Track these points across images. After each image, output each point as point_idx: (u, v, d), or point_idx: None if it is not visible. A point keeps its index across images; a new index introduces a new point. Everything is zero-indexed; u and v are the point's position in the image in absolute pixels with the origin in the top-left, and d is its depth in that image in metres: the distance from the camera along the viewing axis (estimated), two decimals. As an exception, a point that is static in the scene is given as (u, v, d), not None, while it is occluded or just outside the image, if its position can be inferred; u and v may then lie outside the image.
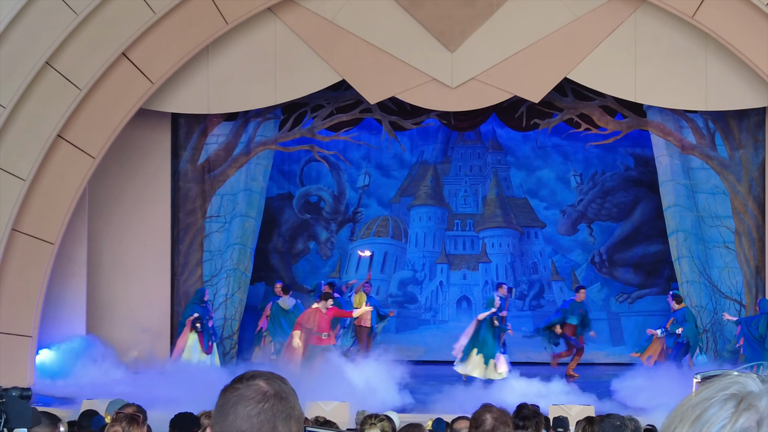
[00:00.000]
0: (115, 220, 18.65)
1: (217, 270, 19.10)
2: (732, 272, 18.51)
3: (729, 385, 1.56)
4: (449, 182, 20.98)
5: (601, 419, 7.20)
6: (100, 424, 7.50)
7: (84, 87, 16.38)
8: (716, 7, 16.34)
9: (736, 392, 1.54)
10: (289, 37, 17.31)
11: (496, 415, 5.35)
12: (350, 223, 20.90)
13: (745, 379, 1.56)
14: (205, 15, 16.73)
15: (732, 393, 1.54)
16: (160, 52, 16.71)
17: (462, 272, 20.92)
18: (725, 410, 1.53)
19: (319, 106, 19.08)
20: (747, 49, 16.35)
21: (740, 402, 1.53)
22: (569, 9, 16.99)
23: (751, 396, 1.53)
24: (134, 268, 18.69)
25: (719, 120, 18.49)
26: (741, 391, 1.54)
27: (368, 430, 6.86)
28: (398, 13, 17.12)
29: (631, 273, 20.50)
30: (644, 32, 17.03)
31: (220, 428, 2.33)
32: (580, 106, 18.68)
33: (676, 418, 1.57)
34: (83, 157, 16.68)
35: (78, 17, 16.17)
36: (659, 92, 17.30)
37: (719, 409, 1.53)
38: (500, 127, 20.06)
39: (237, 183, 19.17)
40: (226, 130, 19.19)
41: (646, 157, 19.74)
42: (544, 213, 20.78)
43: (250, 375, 2.39)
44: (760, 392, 1.54)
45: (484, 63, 17.15)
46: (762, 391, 1.54)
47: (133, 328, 18.40)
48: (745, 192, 18.45)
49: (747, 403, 1.53)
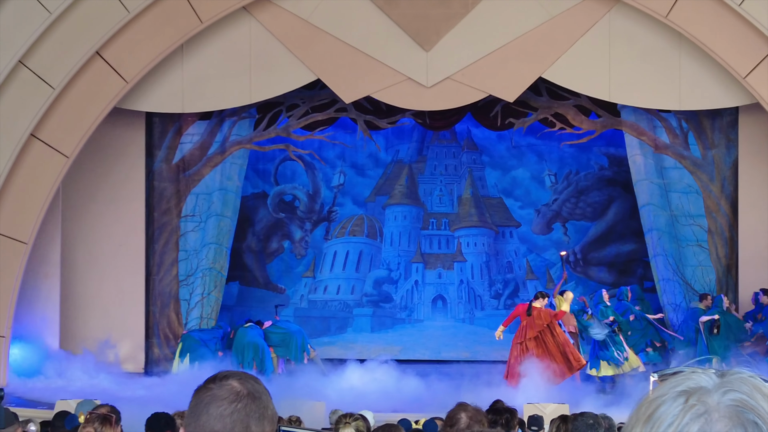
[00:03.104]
0: (89, 220, 18.56)
1: (193, 269, 19.05)
2: (705, 270, 18.63)
3: (681, 382, 1.54)
4: (424, 181, 20.99)
5: (575, 417, 7.23)
6: (73, 423, 7.48)
7: (58, 86, 16.30)
8: (690, 7, 16.43)
9: (687, 388, 1.52)
10: (264, 37, 17.28)
11: (471, 414, 5.37)
12: (325, 222, 20.88)
13: (699, 375, 1.54)
14: (179, 14, 16.68)
15: (682, 389, 1.52)
16: (134, 51, 16.65)
17: (437, 271, 20.94)
18: (674, 407, 1.51)
19: (294, 105, 19.06)
20: (720, 49, 16.45)
21: (689, 398, 1.51)
22: (544, 9, 17.04)
23: (701, 391, 1.51)
24: (109, 268, 18.61)
25: (692, 119, 18.59)
26: (692, 387, 1.52)
27: (342, 429, 6.86)
28: (373, 12, 17.13)
29: (606, 272, 20.58)
30: (618, 32, 17.11)
31: (193, 428, 2.33)
32: (554, 105, 18.74)
33: (633, 417, 1.55)
34: (57, 157, 16.60)
35: (51, 16, 16.09)
36: (633, 92, 17.38)
37: (669, 406, 1.51)
38: (475, 126, 20.09)
39: (212, 182, 19.12)
40: (201, 130, 19.14)
41: (620, 157, 19.82)
42: (519, 212, 20.83)
43: (223, 375, 2.39)
44: (713, 387, 1.51)
45: (459, 62, 17.18)
46: (714, 386, 1.52)
47: (107, 328, 18.32)
48: (718, 191, 18.57)
49: (696, 399, 1.51)
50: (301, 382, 16.52)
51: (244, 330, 18.04)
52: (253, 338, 17.90)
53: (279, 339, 18.22)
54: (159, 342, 18.94)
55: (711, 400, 1.50)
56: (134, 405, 12.25)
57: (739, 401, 1.50)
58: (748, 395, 1.50)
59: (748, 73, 16.39)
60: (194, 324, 18.75)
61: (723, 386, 1.51)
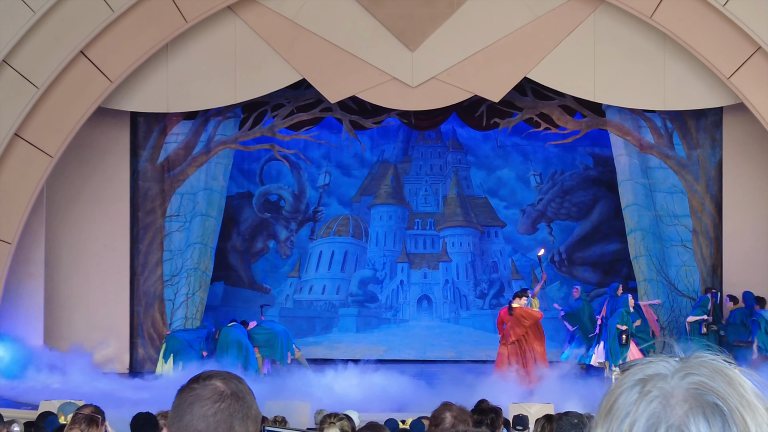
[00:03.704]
0: (73, 220, 18.50)
1: (178, 269, 19.01)
2: (689, 271, 18.68)
3: (639, 370, 1.51)
4: (410, 181, 21.00)
5: (559, 417, 7.23)
6: (54, 425, 7.45)
7: (42, 85, 16.25)
8: (674, 7, 16.47)
9: (644, 376, 1.49)
10: (250, 36, 17.25)
11: (456, 413, 5.37)
12: (310, 222, 20.87)
13: (658, 363, 1.50)
14: (164, 13, 16.65)
15: (640, 377, 1.49)
16: (119, 50, 16.61)
17: (422, 271, 20.95)
18: (631, 396, 1.48)
19: (280, 105, 19.04)
20: (705, 50, 16.50)
21: (646, 385, 1.48)
22: (529, 9, 17.07)
23: (657, 378, 1.48)
24: (93, 268, 18.55)
25: (677, 120, 18.64)
26: (649, 375, 1.49)
27: (327, 429, 6.86)
28: (359, 12, 17.12)
29: (590, 271, 20.62)
30: (603, 32, 17.14)
31: (177, 428, 2.32)
32: (539, 105, 18.77)
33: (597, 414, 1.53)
34: (41, 156, 16.54)
35: (36, 15, 16.04)
36: (618, 92, 17.41)
37: (627, 396, 1.48)
38: (460, 126, 20.11)
39: (197, 182, 19.08)
40: (186, 129, 19.10)
41: (605, 157, 19.86)
42: (504, 212, 20.86)
43: (207, 375, 2.38)
44: (670, 373, 1.48)
45: (445, 62, 17.19)
46: (672, 372, 1.48)
47: (92, 328, 18.26)
48: (703, 191, 18.62)
49: (652, 385, 1.47)
50: (286, 382, 16.51)
51: (227, 329, 18.01)
52: (236, 336, 17.88)
53: (264, 339, 18.19)
54: (144, 342, 18.89)
55: (668, 385, 1.47)
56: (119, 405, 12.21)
57: (698, 384, 1.46)
58: (708, 377, 1.47)
59: (732, 73, 16.44)
60: (179, 324, 18.71)
61: (681, 371, 1.48)
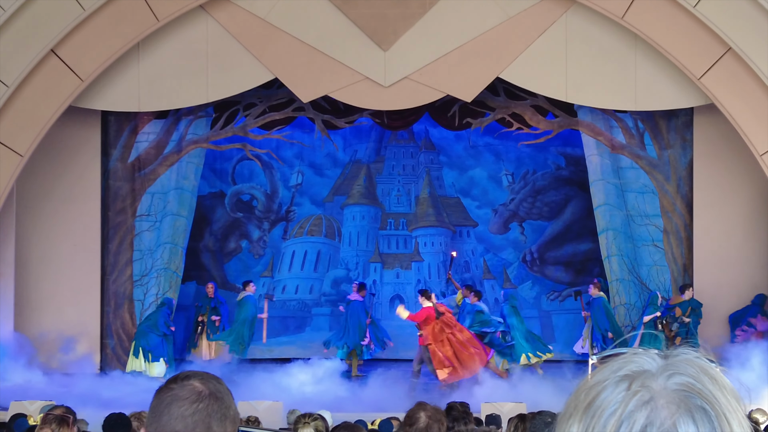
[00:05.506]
0: (43, 219, 18.39)
1: (148, 269, 18.92)
2: (660, 270, 18.78)
3: (623, 365, 1.44)
4: (382, 181, 21.00)
5: (532, 416, 7.24)
6: (23, 426, 7.40)
7: (12, 84, 16.14)
8: (645, 8, 16.56)
9: (629, 372, 1.43)
10: (221, 35, 17.21)
11: (430, 413, 5.36)
12: (283, 222, 20.83)
13: (642, 357, 1.44)
14: (135, 12, 16.57)
15: (625, 374, 1.43)
16: (89, 49, 16.52)
17: (395, 271, 20.96)
18: (617, 393, 1.41)
19: (252, 104, 18.99)
20: (675, 50, 16.59)
21: (632, 383, 1.43)
22: (501, 9, 17.11)
23: (644, 375, 1.42)
24: (63, 268, 18.44)
25: (648, 120, 18.74)
26: (634, 371, 1.43)
27: (301, 429, 6.84)
28: (331, 11, 17.11)
29: (562, 271, 20.69)
30: (575, 33, 17.21)
31: (155, 429, 2.31)
32: (512, 105, 18.81)
33: (571, 405, 1.45)
34: (11, 156, 16.43)
35: (6, 13, 15.93)
36: (589, 92, 17.49)
37: (611, 392, 1.42)
38: (433, 126, 20.13)
39: (168, 181, 18.99)
40: (157, 128, 19.01)
41: (577, 157, 19.94)
42: (476, 212, 20.89)
43: (185, 375, 2.37)
44: (657, 370, 1.42)
45: (417, 62, 17.20)
46: (658, 369, 1.42)
47: (63, 328, 18.15)
48: (674, 191, 18.72)
49: (639, 384, 1.41)
50: (257, 383, 16.48)
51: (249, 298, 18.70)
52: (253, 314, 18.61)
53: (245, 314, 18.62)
54: (112, 343, 18.79)
55: (656, 385, 1.41)
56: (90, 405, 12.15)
57: (685, 385, 1.41)
58: (695, 378, 1.42)
59: (702, 74, 16.54)
60: (147, 325, 18.59)
61: (667, 369, 1.42)
